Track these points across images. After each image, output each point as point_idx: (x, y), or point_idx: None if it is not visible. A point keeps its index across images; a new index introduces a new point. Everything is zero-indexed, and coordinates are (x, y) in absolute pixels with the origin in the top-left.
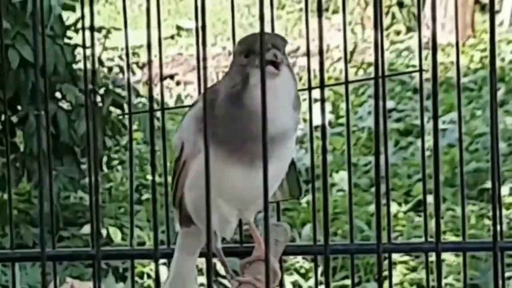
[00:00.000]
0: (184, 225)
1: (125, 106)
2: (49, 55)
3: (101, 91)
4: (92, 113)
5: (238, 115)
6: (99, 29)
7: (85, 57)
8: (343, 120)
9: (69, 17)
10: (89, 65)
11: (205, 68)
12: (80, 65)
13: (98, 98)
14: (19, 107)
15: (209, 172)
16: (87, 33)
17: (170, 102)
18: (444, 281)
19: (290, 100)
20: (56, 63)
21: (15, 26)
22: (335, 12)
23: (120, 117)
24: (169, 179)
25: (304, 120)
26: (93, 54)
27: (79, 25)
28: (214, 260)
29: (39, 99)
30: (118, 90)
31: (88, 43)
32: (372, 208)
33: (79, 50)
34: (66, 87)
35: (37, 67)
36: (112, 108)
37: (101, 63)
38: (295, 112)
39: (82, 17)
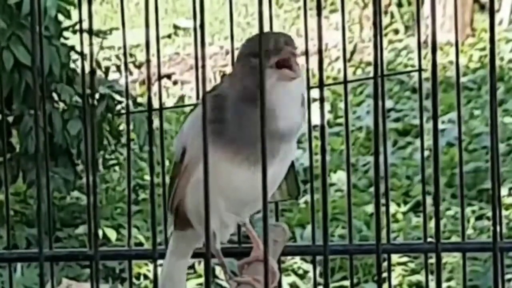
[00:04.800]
0: (179, 228)
1: (119, 109)
2: (44, 56)
3: (97, 95)
4: (90, 115)
5: (254, 115)
6: (97, 33)
7: (82, 61)
8: (341, 120)
9: (65, 19)
10: (86, 66)
11: (203, 67)
12: (76, 65)
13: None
14: (13, 107)
15: (208, 173)
16: (85, 35)
17: (167, 101)
18: (444, 284)
19: (300, 97)
20: (51, 64)
21: (10, 27)
22: (333, 11)
23: (115, 118)
24: (167, 179)
25: None
26: (91, 55)
27: (76, 26)
28: (212, 261)
29: (37, 98)
30: (114, 95)
31: (85, 45)
32: (370, 208)
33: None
34: (61, 87)
35: (34, 68)
36: (105, 111)
37: (98, 65)
38: (302, 107)
39: (80, 20)
